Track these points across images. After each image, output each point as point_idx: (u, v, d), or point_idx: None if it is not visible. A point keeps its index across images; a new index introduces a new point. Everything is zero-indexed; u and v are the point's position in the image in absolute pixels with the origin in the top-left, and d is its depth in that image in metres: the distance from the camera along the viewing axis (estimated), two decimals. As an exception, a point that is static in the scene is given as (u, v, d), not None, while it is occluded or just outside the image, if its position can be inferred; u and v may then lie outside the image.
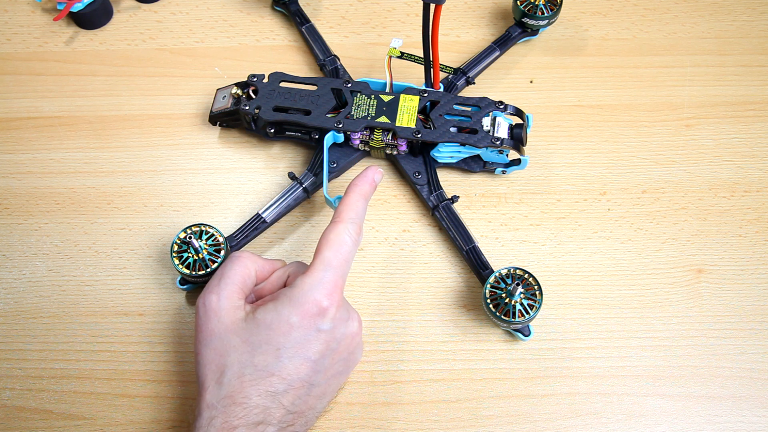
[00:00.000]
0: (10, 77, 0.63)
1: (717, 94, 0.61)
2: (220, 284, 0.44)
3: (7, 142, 0.60)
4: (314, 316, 0.41)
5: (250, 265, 0.45)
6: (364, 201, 0.46)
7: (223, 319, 0.42)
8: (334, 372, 0.44)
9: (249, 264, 0.45)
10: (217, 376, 0.41)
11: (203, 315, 0.43)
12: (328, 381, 0.44)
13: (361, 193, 0.46)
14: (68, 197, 0.57)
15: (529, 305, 0.48)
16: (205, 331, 0.42)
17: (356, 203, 0.45)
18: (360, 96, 0.55)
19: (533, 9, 0.60)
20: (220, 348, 0.41)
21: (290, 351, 0.41)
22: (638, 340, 0.51)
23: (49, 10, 0.67)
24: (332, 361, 0.43)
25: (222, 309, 0.42)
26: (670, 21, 0.64)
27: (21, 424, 0.49)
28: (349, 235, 0.43)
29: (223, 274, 0.44)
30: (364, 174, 0.47)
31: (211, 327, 0.42)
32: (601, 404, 0.49)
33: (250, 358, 0.40)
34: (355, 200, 0.45)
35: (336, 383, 0.45)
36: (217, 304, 0.43)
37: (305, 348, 0.41)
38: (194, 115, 0.61)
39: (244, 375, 0.40)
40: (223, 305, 0.43)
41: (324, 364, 0.42)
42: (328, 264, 0.42)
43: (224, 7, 0.66)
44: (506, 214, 0.56)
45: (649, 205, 0.56)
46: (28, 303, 0.53)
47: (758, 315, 0.52)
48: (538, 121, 0.59)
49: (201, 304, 0.43)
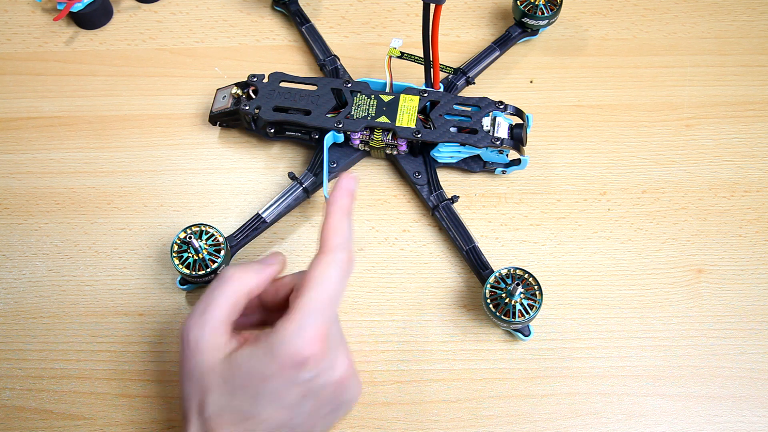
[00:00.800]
0: (10, 77, 0.63)
1: (717, 94, 0.61)
2: (204, 317, 0.40)
3: (7, 142, 0.60)
4: (293, 367, 0.38)
5: (240, 288, 0.41)
6: (348, 218, 0.42)
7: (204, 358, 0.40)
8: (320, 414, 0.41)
9: (240, 287, 0.41)
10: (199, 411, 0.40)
11: (185, 350, 0.41)
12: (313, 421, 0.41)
13: (342, 210, 0.41)
14: (68, 197, 0.57)
15: (529, 305, 0.48)
16: (186, 367, 0.41)
17: (339, 224, 0.41)
18: (360, 96, 0.55)
19: (533, 9, 0.60)
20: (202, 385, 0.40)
21: (267, 398, 0.39)
22: (638, 340, 0.51)
23: (49, 10, 0.67)
24: (315, 406, 0.40)
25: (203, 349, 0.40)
26: (670, 21, 0.64)
27: (21, 424, 0.49)
28: (337, 267, 0.39)
29: (209, 303, 0.41)
30: (339, 186, 0.42)
31: (192, 364, 0.40)
32: (601, 404, 0.49)
33: (229, 400, 0.39)
34: (337, 221, 0.41)
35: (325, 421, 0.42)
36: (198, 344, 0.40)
37: (282, 397, 0.39)
38: (194, 115, 0.61)
39: (222, 415, 0.39)
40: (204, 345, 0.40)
41: (304, 409, 0.40)
42: (311, 309, 0.38)
43: (224, 7, 0.66)
44: (506, 214, 0.56)
45: (649, 205, 0.56)
46: (28, 303, 0.53)
47: (758, 315, 0.52)
48: (538, 121, 0.59)
49: (184, 339, 0.41)
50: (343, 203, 0.41)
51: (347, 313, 0.52)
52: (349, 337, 0.51)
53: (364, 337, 0.52)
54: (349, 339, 0.51)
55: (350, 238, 0.41)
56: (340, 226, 0.41)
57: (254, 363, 0.39)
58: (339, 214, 0.41)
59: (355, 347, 0.51)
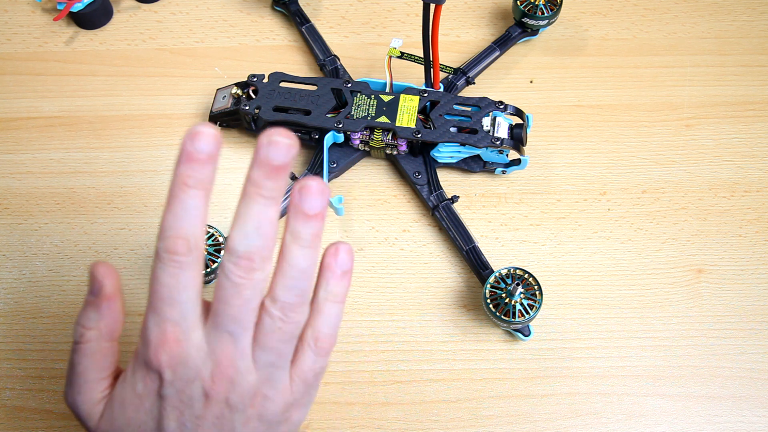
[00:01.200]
0: (10, 77, 0.63)
1: (717, 94, 0.61)
2: (72, 382, 0.36)
3: (7, 142, 0.60)
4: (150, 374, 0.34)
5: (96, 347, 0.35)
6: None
7: (87, 422, 0.36)
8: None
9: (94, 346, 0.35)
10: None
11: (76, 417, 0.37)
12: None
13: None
14: (68, 197, 0.57)
15: (529, 305, 0.48)
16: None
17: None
18: (360, 96, 0.55)
19: (533, 9, 0.60)
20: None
21: (145, 426, 0.35)
22: (638, 340, 0.51)
23: (49, 10, 0.67)
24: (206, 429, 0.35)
25: (83, 414, 0.36)
26: (670, 21, 0.64)
27: (21, 424, 0.49)
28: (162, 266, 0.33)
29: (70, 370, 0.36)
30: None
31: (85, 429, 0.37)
32: (601, 404, 0.49)
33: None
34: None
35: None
36: (78, 413, 0.36)
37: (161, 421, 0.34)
38: (194, 115, 0.61)
39: None
40: (83, 412, 0.36)
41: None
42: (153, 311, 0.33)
43: (224, 7, 0.66)
44: (506, 214, 0.56)
45: (649, 205, 0.56)
46: (28, 303, 0.53)
47: (758, 315, 0.52)
48: (538, 121, 0.59)
49: (70, 408, 0.37)
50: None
51: (347, 313, 0.52)
52: (349, 337, 0.52)
53: (364, 337, 0.52)
54: (349, 339, 0.52)
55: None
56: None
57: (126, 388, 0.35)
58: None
59: (355, 347, 0.51)
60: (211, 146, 0.34)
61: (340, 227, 0.56)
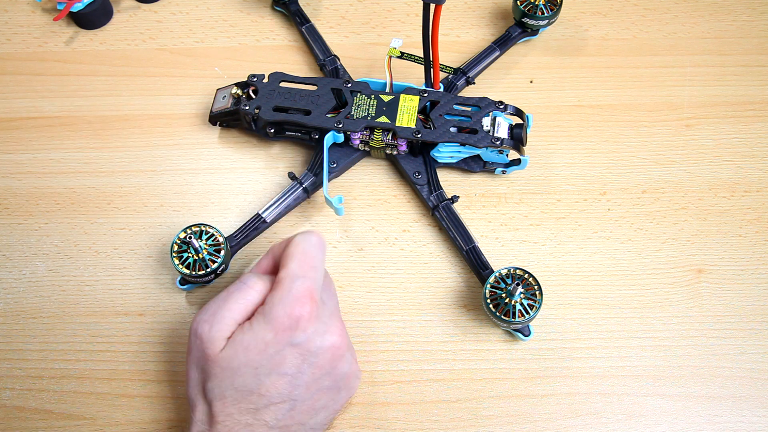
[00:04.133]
0: (10, 77, 0.63)
1: (717, 94, 0.61)
2: (216, 316, 0.43)
3: (7, 142, 0.60)
4: (287, 329, 0.41)
5: (256, 298, 0.44)
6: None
7: (209, 350, 0.42)
8: (320, 387, 0.43)
9: (256, 297, 0.44)
10: (203, 395, 0.43)
11: (193, 341, 0.43)
12: (314, 396, 0.43)
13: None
14: (68, 197, 0.57)
15: (529, 305, 0.48)
16: (192, 356, 0.44)
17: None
18: (360, 96, 0.55)
19: (533, 9, 0.60)
20: (205, 373, 0.42)
21: (266, 368, 0.41)
22: (638, 340, 0.51)
23: (49, 10, 0.67)
24: (312, 375, 0.43)
25: (210, 341, 0.42)
26: (670, 21, 0.64)
27: (21, 424, 0.49)
28: (310, 240, 0.44)
29: (222, 305, 0.43)
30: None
31: (197, 355, 0.43)
32: (601, 404, 0.49)
33: (231, 381, 0.42)
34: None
35: (326, 398, 0.44)
36: (205, 337, 0.42)
37: (280, 364, 0.42)
38: (194, 115, 0.61)
39: (225, 397, 0.42)
40: (211, 338, 0.42)
41: (303, 379, 0.42)
42: (295, 274, 0.42)
43: (224, 7, 0.66)
44: (506, 214, 0.56)
45: (649, 205, 0.56)
46: (28, 303, 0.53)
47: (758, 315, 0.52)
48: (538, 121, 0.59)
49: (192, 331, 0.43)
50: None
51: (347, 313, 0.52)
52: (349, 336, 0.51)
53: (364, 337, 0.52)
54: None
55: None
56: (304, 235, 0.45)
57: (251, 336, 0.42)
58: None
59: (355, 347, 0.51)
60: None
61: (340, 227, 0.56)
